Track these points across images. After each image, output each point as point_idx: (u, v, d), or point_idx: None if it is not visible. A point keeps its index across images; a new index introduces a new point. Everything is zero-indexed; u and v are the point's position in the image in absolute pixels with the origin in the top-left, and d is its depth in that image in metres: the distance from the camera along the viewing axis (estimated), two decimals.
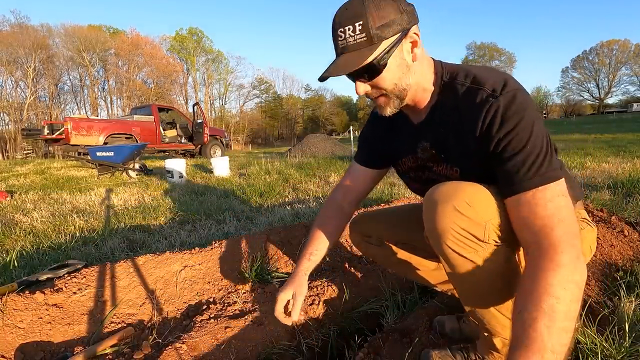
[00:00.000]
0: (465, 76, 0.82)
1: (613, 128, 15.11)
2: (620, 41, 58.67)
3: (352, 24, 0.74)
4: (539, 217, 0.69)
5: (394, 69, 0.80)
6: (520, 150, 0.73)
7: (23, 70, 27.48)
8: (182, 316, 1.42)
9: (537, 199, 0.70)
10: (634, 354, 0.95)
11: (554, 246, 0.66)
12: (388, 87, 0.82)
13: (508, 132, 0.73)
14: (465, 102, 0.80)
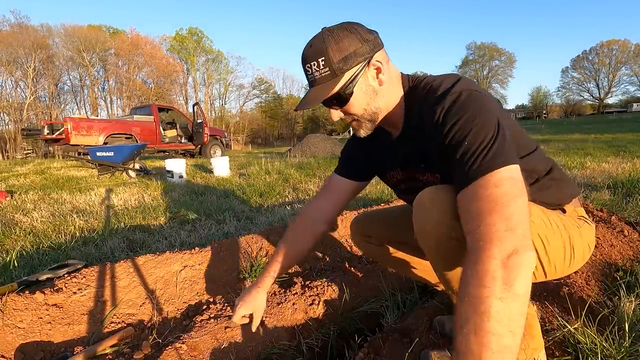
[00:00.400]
0: (424, 86, 0.86)
1: (613, 128, 15.11)
2: (620, 41, 58.68)
3: (315, 60, 0.81)
4: (478, 202, 0.65)
5: (361, 96, 0.85)
6: (462, 141, 0.71)
7: (23, 70, 27.47)
8: (182, 316, 1.42)
9: (479, 187, 0.66)
10: (634, 354, 0.95)
11: (486, 238, 0.60)
12: (358, 113, 0.88)
13: (451, 127, 0.73)
14: (425, 109, 0.82)
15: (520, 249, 0.59)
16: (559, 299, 1.24)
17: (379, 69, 0.85)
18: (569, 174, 4.13)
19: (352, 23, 0.84)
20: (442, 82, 0.82)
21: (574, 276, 1.36)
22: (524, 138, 0.94)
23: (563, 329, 1.03)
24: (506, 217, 0.61)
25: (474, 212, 0.65)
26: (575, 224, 0.92)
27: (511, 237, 0.60)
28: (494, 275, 0.57)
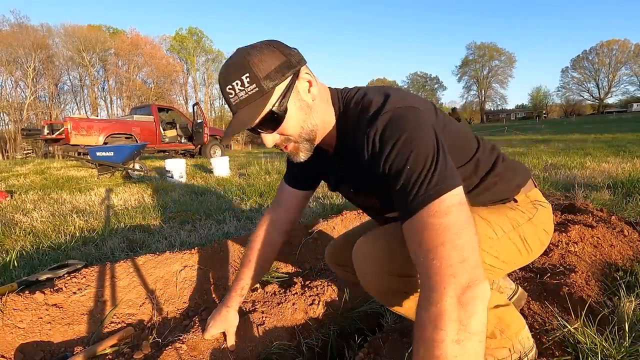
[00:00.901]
0: (355, 105, 0.81)
1: (613, 128, 15.11)
2: (620, 41, 58.70)
3: (239, 78, 0.72)
4: (427, 232, 0.61)
5: (296, 112, 0.78)
6: (402, 169, 0.66)
7: (23, 70, 27.47)
8: (182, 316, 1.42)
9: (428, 216, 0.62)
10: (634, 354, 0.95)
11: (440, 273, 0.58)
12: (295, 132, 0.79)
13: (388, 155, 0.69)
14: (357, 132, 0.77)
15: (474, 281, 0.57)
16: (559, 299, 1.24)
17: (310, 82, 0.79)
18: (569, 173, 4.14)
19: (269, 40, 0.78)
20: (371, 101, 0.77)
21: (574, 276, 1.36)
22: (464, 139, 0.89)
23: (563, 329, 1.03)
24: (458, 248, 0.58)
25: (424, 244, 0.61)
26: (527, 215, 0.91)
27: (464, 270, 0.57)
28: (449, 316, 0.55)
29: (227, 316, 1.14)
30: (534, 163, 5.25)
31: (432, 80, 70.64)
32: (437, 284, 0.57)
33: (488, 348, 0.97)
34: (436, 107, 0.86)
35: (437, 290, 0.56)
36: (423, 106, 0.77)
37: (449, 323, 0.54)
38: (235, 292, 1.15)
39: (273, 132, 0.79)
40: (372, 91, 0.81)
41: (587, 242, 1.66)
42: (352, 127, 0.80)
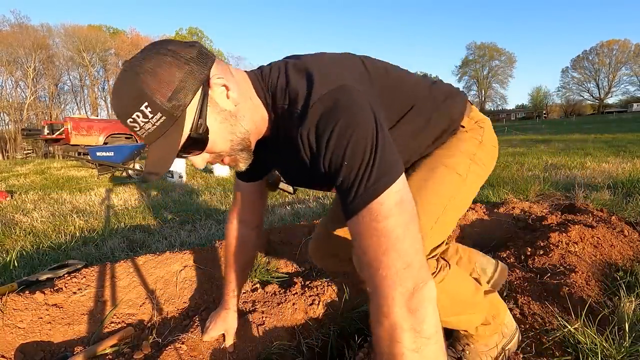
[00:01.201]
0: (282, 93, 0.70)
1: (613, 128, 15.11)
2: (620, 41, 58.71)
3: (138, 110, 0.60)
4: (370, 239, 0.58)
5: (220, 127, 0.67)
6: (340, 168, 0.61)
7: (23, 70, 27.48)
8: (182, 316, 1.42)
9: (370, 220, 0.58)
10: (634, 354, 0.95)
11: (386, 283, 0.56)
12: (225, 147, 0.70)
13: (324, 156, 0.63)
14: (290, 128, 0.69)
15: (419, 284, 0.56)
16: (559, 299, 1.24)
17: (226, 86, 0.66)
18: (569, 173, 4.14)
19: (159, 44, 0.63)
20: (297, 90, 0.67)
21: (574, 276, 1.36)
22: (404, 86, 0.84)
23: (563, 329, 1.03)
24: (402, 253, 0.56)
25: (368, 253, 0.58)
26: (477, 139, 0.92)
27: (410, 276, 0.56)
28: (402, 327, 0.54)
29: (226, 318, 1.15)
30: (534, 163, 5.25)
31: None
32: (385, 294, 0.55)
33: (483, 336, 1.00)
34: (365, 62, 0.80)
35: (386, 301, 0.55)
36: (351, 76, 0.70)
37: (403, 334, 0.54)
38: (229, 295, 1.16)
39: (201, 153, 0.69)
40: (292, 73, 0.71)
41: (587, 242, 1.66)
42: (283, 121, 0.71)
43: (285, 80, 0.71)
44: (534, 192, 3.17)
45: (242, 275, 1.16)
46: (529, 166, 5.00)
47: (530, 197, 3.02)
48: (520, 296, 1.24)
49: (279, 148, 0.77)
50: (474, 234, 2.06)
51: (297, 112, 0.66)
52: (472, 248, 1.23)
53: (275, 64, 0.76)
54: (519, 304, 1.20)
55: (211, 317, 1.18)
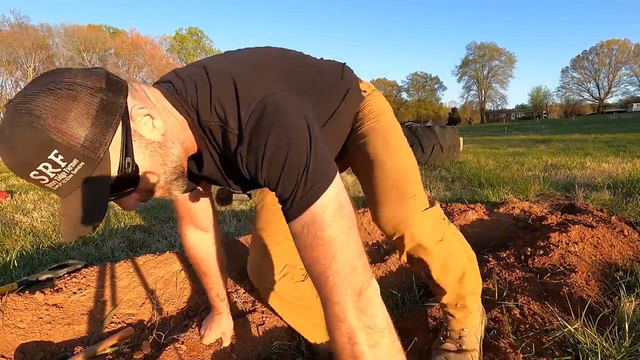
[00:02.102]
0: (209, 112, 0.63)
1: (613, 128, 15.11)
2: (620, 41, 58.75)
3: (45, 160, 0.49)
4: (315, 250, 0.57)
5: (149, 161, 0.60)
6: (278, 180, 0.58)
7: (23, 70, 27.51)
8: (182, 316, 1.42)
9: (315, 229, 0.57)
10: (634, 354, 0.95)
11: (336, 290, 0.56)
12: (159, 181, 0.64)
13: (261, 170, 0.59)
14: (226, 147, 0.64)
15: (364, 284, 0.58)
16: (559, 299, 1.24)
17: (150, 115, 0.59)
18: (569, 173, 4.14)
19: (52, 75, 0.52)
20: (223, 107, 0.62)
21: (574, 276, 1.36)
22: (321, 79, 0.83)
23: (563, 329, 1.03)
24: (347, 258, 0.57)
25: (316, 263, 0.57)
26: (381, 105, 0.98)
27: (356, 278, 0.57)
28: (357, 327, 0.55)
29: (220, 321, 1.15)
30: (534, 163, 5.25)
31: (432, 80, 70.63)
32: (337, 300, 0.56)
33: (473, 310, 1.04)
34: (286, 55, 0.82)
35: (339, 306, 0.56)
36: (276, 79, 0.67)
37: (360, 334, 0.55)
38: (215, 301, 1.14)
39: (133, 193, 0.62)
40: (214, 87, 0.63)
41: (587, 242, 1.66)
42: (216, 139, 0.65)
43: (208, 96, 0.63)
44: (534, 192, 3.17)
45: (218, 279, 1.12)
46: (529, 166, 5.00)
47: (530, 197, 3.02)
48: (520, 296, 1.24)
49: (215, 164, 0.71)
50: (474, 234, 2.06)
51: (231, 131, 0.61)
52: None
53: (185, 74, 0.67)
54: (519, 304, 1.20)
55: (205, 323, 1.17)
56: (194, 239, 1.06)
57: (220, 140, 0.65)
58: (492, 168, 4.99)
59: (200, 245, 1.07)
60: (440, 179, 4.32)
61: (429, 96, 69.86)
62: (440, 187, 3.79)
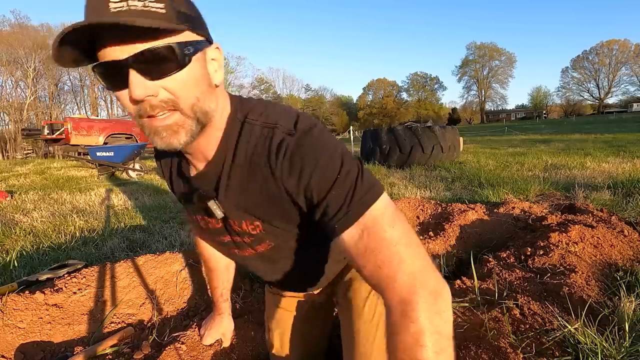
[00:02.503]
0: (258, 114, 0.64)
1: (613, 128, 15.11)
2: (620, 41, 58.73)
3: None
4: (381, 262, 0.54)
5: (197, 77, 0.55)
6: (331, 187, 0.57)
7: (23, 70, 27.47)
8: (182, 316, 1.42)
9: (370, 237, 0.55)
10: (634, 354, 0.95)
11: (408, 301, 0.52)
12: (188, 98, 0.54)
13: (312, 173, 0.57)
14: (261, 144, 0.62)
15: (441, 285, 0.54)
16: (559, 299, 1.24)
17: (219, 64, 0.59)
18: (569, 173, 4.14)
19: None
20: (280, 113, 0.64)
21: (574, 276, 1.36)
22: None
23: (563, 329, 1.03)
24: (418, 257, 0.54)
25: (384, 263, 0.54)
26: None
27: (430, 277, 0.54)
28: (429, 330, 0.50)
29: (221, 322, 1.14)
30: (534, 163, 5.25)
31: (432, 80, 70.57)
32: (409, 300, 0.52)
33: None
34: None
35: (411, 306, 0.51)
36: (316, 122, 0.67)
37: (429, 338, 0.50)
38: (219, 301, 1.13)
39: (153, 80, 0.51)
40: (274, 106, 0.67)
41: (587, 242, 1.66)
42: (255, 138, 0.63)
43: (263, 106, 0.66)
44: (534, 192, 3.17)
45: (226, 278, 1.11)
46: (529, 166, 5.00)
47: (530, 197, 3.02)
48: (520, 296, 1.24)
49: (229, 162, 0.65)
50: (474, 234, 2.06)
51: (280, 131, 0.60)
52: (472, 249, 1.23)
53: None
54: (519, 304, 1.20)
55: (205, 323, 1.17)
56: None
57: (255, 141, 0.62)
58: (492, 168, 4.99)
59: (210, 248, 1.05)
60: (440, 179, 4.32)
61: (429, 96, 69.82)
62: (441, 187, 3.79)
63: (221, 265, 1.08)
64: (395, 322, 0.52)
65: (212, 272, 1.09)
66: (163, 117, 0.54)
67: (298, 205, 0.63)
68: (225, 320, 1.15)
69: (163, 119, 0.54)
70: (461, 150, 6.48)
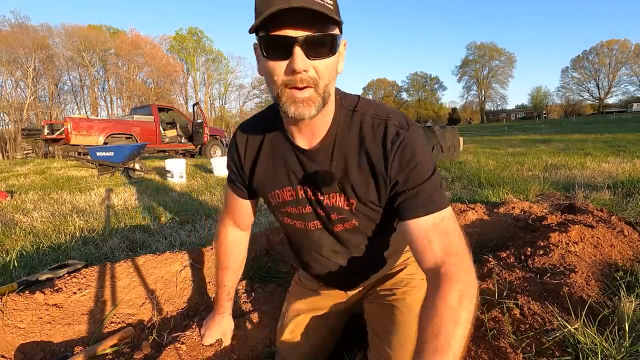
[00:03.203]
0: (367, 106, 0.78)
1: (613, 128, 15.11)
2: (620, 41, 58.74)
3: None
4: (439, 240, 0.71)
5: (334, 64, 0.69)
6: (427, 178, 0.74)
7: (23, 70, 27.46)
8: (182, 316, 1.42)
9: (433, 223, 0.72)
10: (634, 354, 0.95)
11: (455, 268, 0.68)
12: (325, 80, 0.67)
13: (411, 159, 0.73)
14: (372, 132, 0.76)
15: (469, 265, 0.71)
16: (559, 299, 1.24)
17: (344, 55, 0.73)
18: (569, 173, 4.14)
19: None
20: (389, 110, 0.78)
21: (574, 276, 1.36)
22: None
23: (563, 329, 1.03)
24: (466, 251, 0.73)
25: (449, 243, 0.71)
26: None
27: (469, 257, 0.72)
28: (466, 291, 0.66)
29: (221, 322, 1.14)
30: (534, 163, 5.25)
31: (432, 80, 70.60)
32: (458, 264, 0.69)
33: None
34: None
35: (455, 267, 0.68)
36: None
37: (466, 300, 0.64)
38: (223, 299, 1.14)
39: (310, 59, 0.64)
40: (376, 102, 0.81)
41: (587, 242, 1.66)
42: (366, 125, 0.77)
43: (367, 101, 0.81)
44: (534, 192, 3.17)
45: (235, 278, 1.14)
46: (529, 166, 5.00)
47: (530, 197, 3.02)
48: (520, 296, 1.24)
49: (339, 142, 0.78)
50: (474, 234, 2.06)
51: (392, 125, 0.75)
52: (471, 249, 1.24)
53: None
54: (519, 304, 1.20)
55: (205, 323, 1.17)
56: (231, 234, 1.09)
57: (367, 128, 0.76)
58: (492, 168, 4.99)
59: (234, 242, 1.09)
60: (441, 179, 4.31)
61: (429, 96, 69.84)
62: None
63: (235, 264, 1.11)
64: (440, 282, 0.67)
65: (224, 270, 1.10)
66: (303, 90, 0.66)
67: (392, 188, 0.76)
68: (225, 319, 1.15)
69: (302, 92, 0.66)
70: (461, 150, 6.48)
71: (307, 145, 0.80)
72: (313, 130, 0.77)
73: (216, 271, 1.13)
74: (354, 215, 0.84)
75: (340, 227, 0.87)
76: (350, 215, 0.84)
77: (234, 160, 0.93)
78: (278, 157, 0.85)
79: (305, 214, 0.88)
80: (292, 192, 0.86)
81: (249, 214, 1.06)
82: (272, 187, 0.89)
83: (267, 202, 0.94)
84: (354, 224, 0.86)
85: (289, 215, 0.91)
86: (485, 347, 1.02)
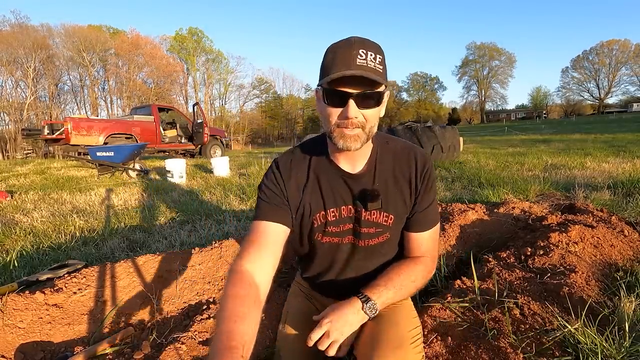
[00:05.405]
0: (395, 141, 1.01)
1: (613, 128, 15.10)
2: (620, 41, 58.71)
3: (374, 52, 0.79)
4: (427, 245, 1.01)
5: (379, 112, 0.86)
6: (433, 200, 0.99)
7: (23, 70, 27.47)
8: (182, 316, 1.42)
9: (428, 235, 1.00)
10: (634, 354, 0.95)
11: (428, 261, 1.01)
12: (370, 123, 0.85)
13: (431, 187, 0.98)
14: (402, 156, 0.97)
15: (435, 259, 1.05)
16: (559, 299, 1.24)
17: (385, 103, 0.88)
18: (569, 173, 4.14)
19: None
20: (409, 141, 1.04)
21: (574, 276, 1.36)
22: None
23: (563, 329, 1.03)
24: (436, 249, 1.05)
25: (433, 248, 1.03)
26: None
27: (435, 257, 1.05)
28: (431, 270, 1.02)
29: None
30: (534, 163, 5.25)
31: (432, 80, 70.53)
32: (432, 264, 1.03)
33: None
34: None
35: (433, 262, 1.03)
36: None
37: (429, 274, 1.01)
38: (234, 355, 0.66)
39: (360, 109, 0.81)
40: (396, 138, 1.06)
41: (587, 242, 1.66)
42: (397, 151, 0.98)
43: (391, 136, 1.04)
44: (534, 192, 3.17)
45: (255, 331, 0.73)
46: (529, 166, 5.00)
47: (530, 197, 3.02)
48: (520, 296, 1.24)
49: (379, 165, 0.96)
50: (474, 234, 2.06)
51: (417, 151, 0.99)
52: (472, 249, 1.26)
53: None
54: (519, 304, 1.20)
55: None
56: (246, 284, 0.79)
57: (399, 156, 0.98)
58: (492, 168, 4.98)
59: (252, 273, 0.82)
60: (441, 179, 4.32)
61: (429, 96, 69.77)
62: (440, 187, 3.79)
63: (255, 312, 0.76)
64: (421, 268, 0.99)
65: (238, 321, 0.70)
66: (352, 129, 0.83)
67: (413, 206, 0.97)
68: None
69: (352, 130, 0.83)
70: (461, 150, 6.48)
71: (352, 170, 0.95)
72: (357, 159, 0.94)
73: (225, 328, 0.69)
74: (389, 229, 0.98)
75: (371, 241, 1.00)
76: (386, 229, 0.98)
77: (278, 186, 0.94)
78: (324, 182, 0.97)
79: (344, 231, 0.99)
80: (335, 212, 0.97)
81: (278, 246, 0.89)
82: (318, 209, 0.97)
83: (307, 224, 0.98)
84: (387, 237, 1.00)
85: (329, 234, 0.99)
86: (485, 347, 1.02)
